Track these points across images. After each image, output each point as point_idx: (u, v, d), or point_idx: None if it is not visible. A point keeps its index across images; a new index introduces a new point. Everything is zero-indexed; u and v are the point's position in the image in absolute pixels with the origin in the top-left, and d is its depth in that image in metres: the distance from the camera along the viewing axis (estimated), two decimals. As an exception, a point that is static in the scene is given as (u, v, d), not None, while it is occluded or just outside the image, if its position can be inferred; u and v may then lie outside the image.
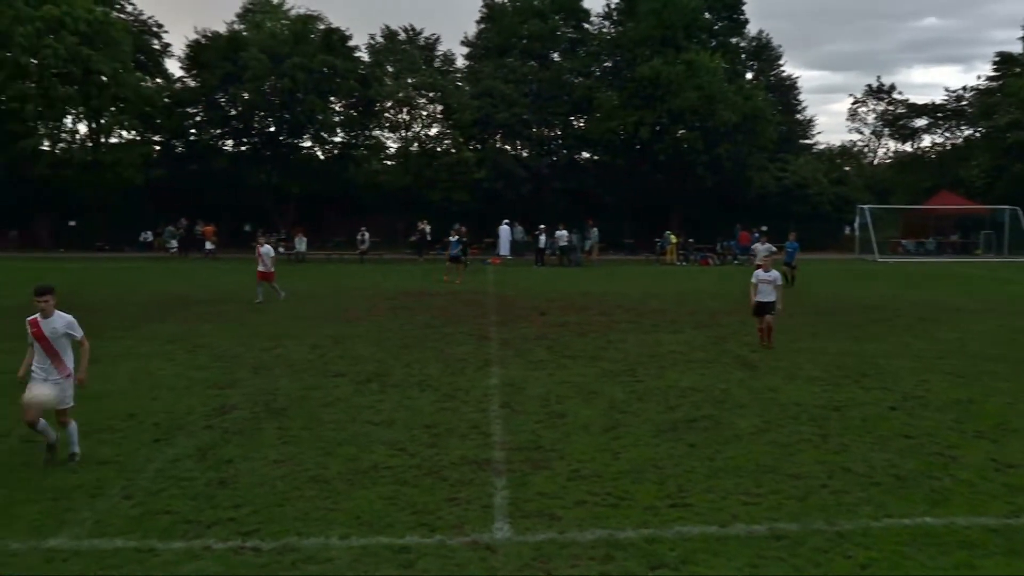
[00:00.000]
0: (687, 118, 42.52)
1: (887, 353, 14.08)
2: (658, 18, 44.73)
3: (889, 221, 48.94)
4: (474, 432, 9.12)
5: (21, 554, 5.96)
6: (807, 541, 6.23)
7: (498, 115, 44.48)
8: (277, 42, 41.95)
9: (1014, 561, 5.91)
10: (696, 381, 11.73)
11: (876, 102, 63.82)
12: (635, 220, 46.62)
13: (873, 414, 9.98)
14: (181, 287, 24.45)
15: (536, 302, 21.27)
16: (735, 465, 8.01)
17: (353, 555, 5.99)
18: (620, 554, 6.01)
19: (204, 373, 12.05)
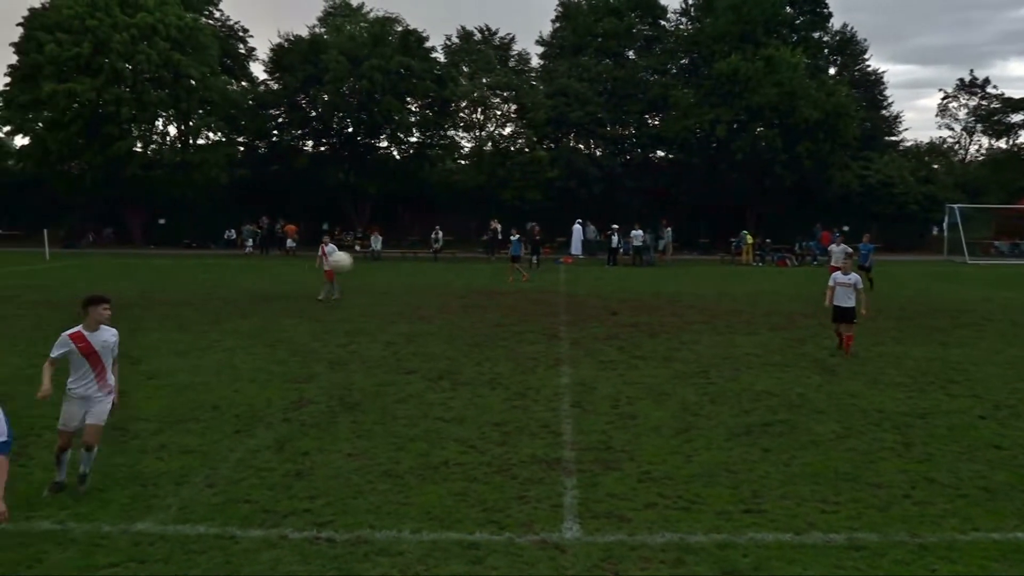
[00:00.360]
0: (766, 115, 41.51)
1: (977, 359, 13.46)
2: (737, 13, 43.81)
3: (980, 221, 46.69)
4: (544, 431, 9.13)
5: (111, 536, 6.26)
6: (888, 553, 6.02)
7: (572, 114, 44.35)
8: (356, 44, 42.84)
9: (1115, 582, 5.58)
10: (772, 384, 11.46)
11: (968, 97, 60.97)
12: (710, 219, 45.79)
13: (961, 423, 9.56)
14: (262, 284, 25.25)
15: (607, 302, 21.13)
16: (812, 472, 7.80)
17: (424, 549, 6.08)
18: (691, 558, 5.93)
19: (283, 367, 12.42)
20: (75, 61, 38.88)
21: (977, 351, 14.23)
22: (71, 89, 38.26)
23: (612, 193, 46.02)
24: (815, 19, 48.74)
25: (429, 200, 47.34)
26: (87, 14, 39.01)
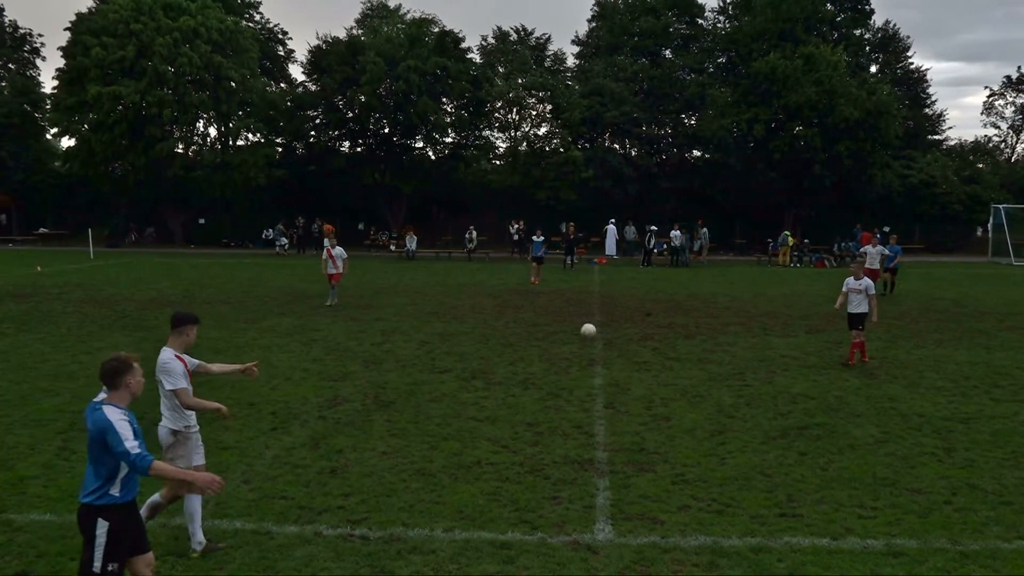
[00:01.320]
0: (805, 114, 40.86)
1: (1022, 363, 13.12)
2: (776, 11, 43.22)
3: (1027, 222, 45.49)
4: (577, 432, 9.11)
5: (151, 530, 6.37)
6: (928, 560, 5.91)
7: (607, 114, 44.14)
8: (393, 46, 43.14)
9: None
10: (808, 387, 11.30)
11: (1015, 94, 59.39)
12: (747, 220, 45.24)
13: (1005, 428, 9.33)
14: (297, 282, 25.56)
15: (642, 303, 21.01)
16: (850, 476, 7.67)
17: (456, 548, 6.11)
18: (724, 562, 5.88)
19: (318, 365, 12.56)
20: (120, 64, 39.74)
21: (1023, 355, 13.86)
22: (116, 92, 39.09)
23: (647, 193, 45.71)
24: (856, 16, 47.89)
25: (464, 200, 47.51)
26: (132, 18, 39.85)
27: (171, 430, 6.10)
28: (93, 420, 4.57)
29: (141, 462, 4.50)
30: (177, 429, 6.09)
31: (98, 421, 4.54)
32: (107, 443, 4.51)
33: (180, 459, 6.10)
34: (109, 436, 4.49)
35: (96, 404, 4.64)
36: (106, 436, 4.50)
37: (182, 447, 6.13)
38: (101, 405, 4.61)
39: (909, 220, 44.66)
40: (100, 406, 4.60)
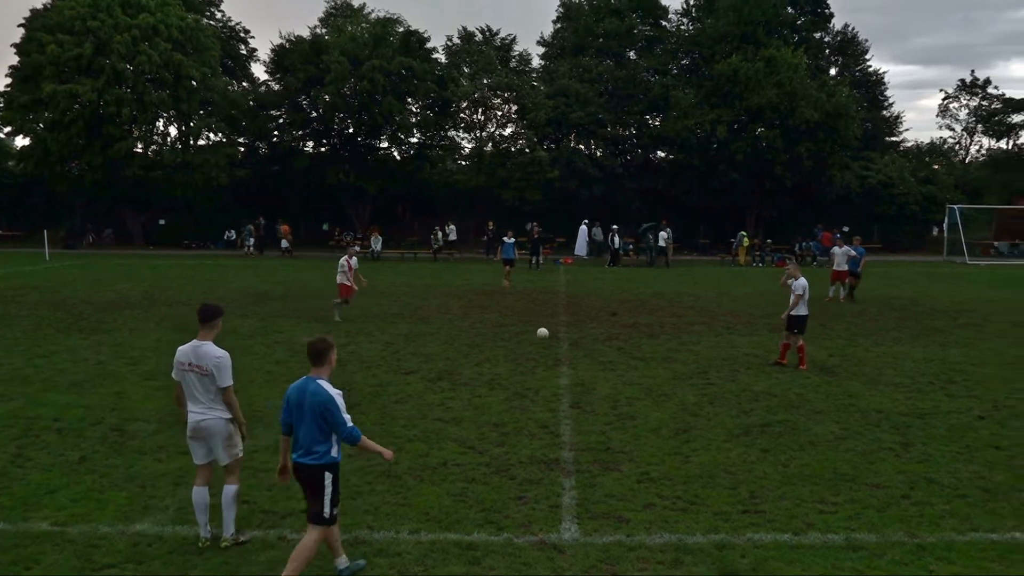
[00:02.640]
0: (766, 116, 41.47)
1: (976, 360, 13.46)
2: (738, 14, 43.77)
3: (980, 222, 46.63)
4: (543, 432, 9.13)
5: (109, 537, 6.26)
6: (886, 553, 6.02)
7: (572, 114, 44.32)
8: (357, 45, 42.80)
9: (1113, 583, 5.58)
10: (771, 385, 11.46)
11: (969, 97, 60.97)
12: (710, 220, 45.76)
13: (960, 423, 9.56)
14: (260, 284, 25.25)
15: (607, 303, 21.13)
16: (811, 472, 7.80)
17: (422, 550, 6.08)
18: (689, 559, 5.93)
19: (282, 367, 12.42)
20: (76, 62, 38.86)
21: (976, 352, 14.22)
22: (72, 90, 38.22)
23: (612, 193, 45.98)
24: (816, 20, 48.71)
25: (429, 201, 47.35)
26: (88, 15, 39.00)
27: (227, 420, 6.16)
28: (312, 393, 5.39)
29: (354, 433, 5.41)
30: (230, 419, 6.17)
31: (319, 394, 5.37)
32: (327, 414, 5.33)
33: (236, 447, 6.25)
34: (330, 408, 5.34)
35: (310, 379, 5.50)
36: (327, 408, 5.34)
37: (236, 436, 6.23)
38: (315, 380, 5.47)
39: (868, 220, 45.54)
40: (315, 380, 5.46)
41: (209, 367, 6.04)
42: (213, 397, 6.09)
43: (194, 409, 6.12)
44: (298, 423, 5.49)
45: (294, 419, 5.51)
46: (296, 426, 5.51)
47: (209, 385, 6.07)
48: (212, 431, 6.11)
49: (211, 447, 6.17)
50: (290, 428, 5.58)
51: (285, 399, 5.63)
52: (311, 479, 5.45)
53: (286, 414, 5.58)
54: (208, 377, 6.05)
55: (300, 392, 5.49)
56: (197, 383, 6.08)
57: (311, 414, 5.38)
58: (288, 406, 5.56)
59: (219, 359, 6.06)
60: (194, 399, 6.12)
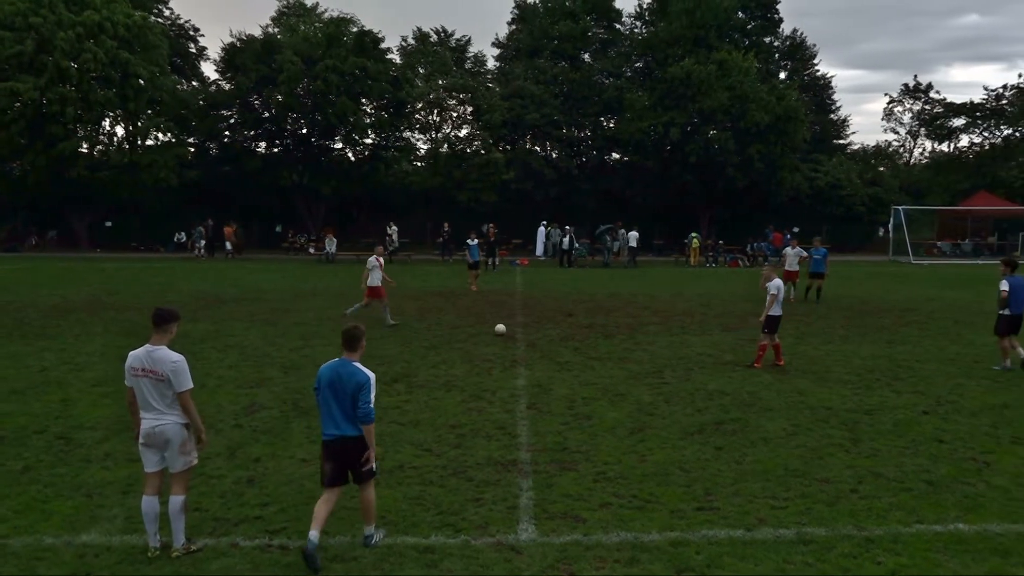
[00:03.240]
0: (718, 119, 42.17)
1: (920, 356, 13.85)
2: (690, 18, 44.41)
3: (924, 223, 48.07)
4: (500, 433, 9.14)
5: (54, 549, 6.08)
6: (836, 546, 6.15)
7: (528, 116, 44.49)
8: (310, 45, 42.35)
9: (1050, 571, 5.78)
10: (724, 384, 11.63)
11: (913, 101, 62.77)
12: (664, 221, 46.34)
13: (905, 418, 9.83)
14: (212, 287, 24.79)
15: (563, 303, 21.24)
16: (763, 469, 7.93)
17: (378, 554, 6.03)
18: (645, 557, 5.99)
19: (234, 372, 12.21)
20: (17, 59, 37.69)
21: (921, 349, 14.63)
22: (13, 88, 37.07)
23: (568, 195, 46.27)
24: (766, 24, 49.70)
25: (384, 202, 47.07)
26: (30, 11, 37.84)
27: (183, 424, 6.01)
28: (350, 374, 5.96)
29: (372, 415, 5.99)
30: (186, 424, 6.03)
31: (356, 375, 5.95)
32: (359, 394, 5.90)
33: (191, 454, 6.09)
34: (364, 388, 5.92)
35: (344, 361, 6.06)
36: (361, 388, 5.91)
37: (191, 442, 6.09)
38: (351, 363, 6.05)
39: (817, 221, 46.58)
40: (351, 363, 6.05)
41: (165, 372, 5.89)
42: (169, 402, 5.94)
43: (147, 415, 5.96)
44: (329, 400, 6.00)
45: (324, 395, 6.04)
46: (327, 403, 6.02)
47: (165, 390, 5.91)
48: (168, 436, 5.96)
49: (165, 454, 6.01)
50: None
51: (317, 379, 6.14)
52: (350, 452, 5.99)
53: (317, 390, 6.13)
54: (164, 382, 5.90)
55: (334, 373, 6.02)
56: (152, 388, 5.92)
57: (344, 393, 5.94)
58: (318, 383, 6.09)
59: (175, 363, 5.92)
60: (148, 405, 5.95)
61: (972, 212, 46.73)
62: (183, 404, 5.96)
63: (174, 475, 6.04)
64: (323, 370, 6.14)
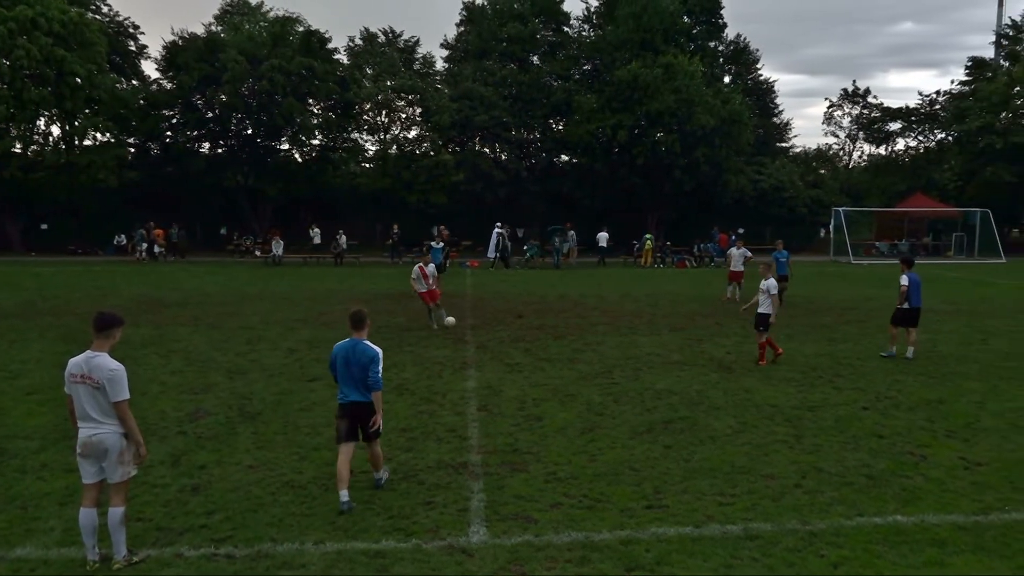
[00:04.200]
0: (665, 121, 42.74)
1: (861, 354, 14.24)
2: (637, 22, 44.93)
3: (863, 223, 49.47)
4: (451, 436, 9.11)
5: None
6: (781, 541, 6.29)
7: (477, 118, 44.46)
8: (255, 44, 41.63)
9: (982, 558, 6.00)
10: (672, 383, 11.79)
11: (851, 106, 64.59)
12: (613, 223, 46.81)
13: (846, 414, 10.09)
14: (155, 291, 24.17)
15: (513, 305, 21.28)
16: (710, 466, 8.06)
17: (328, 561, 5.95)
18: (596, 556, 6.03)
19: (177, 378, 11.93)
20: (-55, 56, 36.30)
21: (861, 346, 15.04)
22: (-60, 85, 35.69)
23: (517, 196, 46.38)
24: (710, 29, 50.53)
25: (332, 203, 46.53)
26: (-42, 6, 36.50)
27: (121, 434, 5.79)
28: (362, 351, 7.00)
29: (380, 384, 7.07)
30: (124, 434, 5.81)
31: (368, 352, 7.00)
32: (369, 366, 6.95)
33: (129, 465, 5.86)
34: (374, 365, 6.97)
35: (357, 340, 7.07)
36: (372, 362, 6.97)
37: (128, 452, 5.85)
38: (362, 341, 7.06)
39: (761, 222, 47.60)
40: (361, 342, 7.06)
41: (101, 380, 5.69)
42: (106, 411, 5.73)
43: (84, 424, 5.75)
44: (345, 372, 7.04)
45: (340, 369, 7.07)
46: (343, 374, 7.06)
47: (102, 399, 5.71)
48: (106, 446, 5.75)
49: (103, 464, 5.81)
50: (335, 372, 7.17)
51: (333, 353, 7.16)
52: (365, 413, 7.07)
53: (333, 364, 7.18)
54: (100, 390, 5.70)
55: (348, 351, 7.05)
56: (89, 396, 5.71)
57: (358, 366, 6.98)
58: (334, 359, 7.14)
59: (113, 371, 5.71)
60: (85, 414, 5.74)
61: (908, 213, 48.27)
62: (119, 415, 5.75)
63: (113, 486, 5.85)
64: (337, 348, 7.16)
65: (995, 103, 47.32)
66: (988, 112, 47.38)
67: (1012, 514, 6.84)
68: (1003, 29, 54.40)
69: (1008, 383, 11.95)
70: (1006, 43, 53.40)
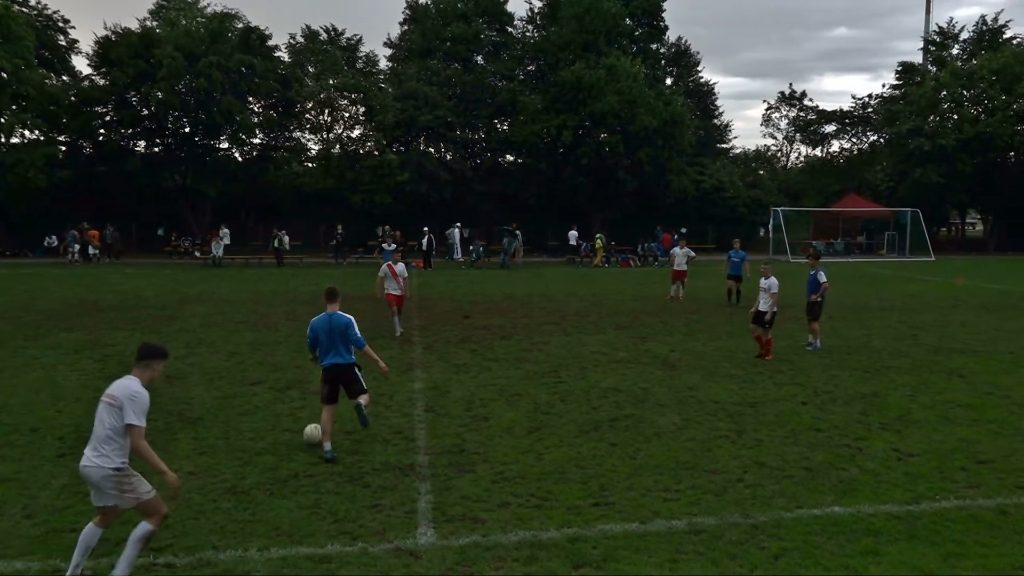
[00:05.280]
0: (608, 122, 43.18)
1: (798, 350, 14.61)
2: (580, 23, 45.29)
3: (800, 223, 50.79)
4: (397, 437, 9.04)
5: None
6: (724, 534, 6.41)
7: (421, 117, 44.22)
8: (193, 40, 40.66)
9: (916, 546, 6.22)
10: (618, 381, 11.92)
11: (788, 108, 66.33)
12: (557, 223, 47.09)
13: (786, 409, 10.34)
14: (89, 294, 23.40)
15: (460, 305, 21.23)
16: (655, 463, 8.17)
17: (272, 567, 5.85)
18: (543, 554, 6.05)
19: (114, 383, 11.56)
20: None
21: (799, 342, 15.42)
22: None
23: (462, 196, 46.30)
24: (652, 31, 51.27)
25: (274, 203, 45.74)
26: None
27: (113, 469, 5.42)
28: (338, 319, 8.30)
29: (363, 341, 8.41)
30: (117, 467, 5.43)
31: (342, 319, 8.31)
32: (348, 331, 8.27)
33: (130, 493, 5.47)
34: (351, 328, 8.29)
35: (332, 312, 8.36)
36: (349, 328, 8.28)
37: (127, 482, 5.49)
38: (336, 312, 8.36)
39: (702, 222, 48.49)
40: (336, 313, 8.36)
41: (122, 399, 5.43)
42: (106, 437, 5.41)
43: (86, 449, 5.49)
44: (327, 341, 8.26)
45: (322, 338, 8.28)
46: (325, 343, 8.27)
47: (114, 420, 5.42)
48: (92, 480, 5.45)
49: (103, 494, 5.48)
50: (314, 345, 8.45)
51: (312, 327, 8.41)
52: (348, 373, 8.32)
53: (312, 337, 8.41)
54: (116, 410, 5.43)
55: (327, 322, 8.30)
56: (102, 417, 5.45)
57: (338, 333, 8.23)
58: (313, 331, 8.36)
59: (136, 393, 5.50)
60: (90, 437, 5.47)
61: (843, 213, 49.74)
62: (132, 442, 5.44)
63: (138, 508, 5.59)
64: (315, 322, 8.39)
65: (923, 107, 49.12)
66: (917, 115, 49.16)
67: (942, 503, 7.11)
68: (931, 35, 56.54)
69: (937, 376, 12.41)
70: (933, 49, 55.50)
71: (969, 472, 7.95)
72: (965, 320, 18.87)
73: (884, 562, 5.96)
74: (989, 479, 7.74)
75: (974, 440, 9.01)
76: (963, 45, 55.12)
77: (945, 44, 55.19)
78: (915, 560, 5.99)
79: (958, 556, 6.06)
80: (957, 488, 7.49)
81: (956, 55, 54.35)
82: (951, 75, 48.63)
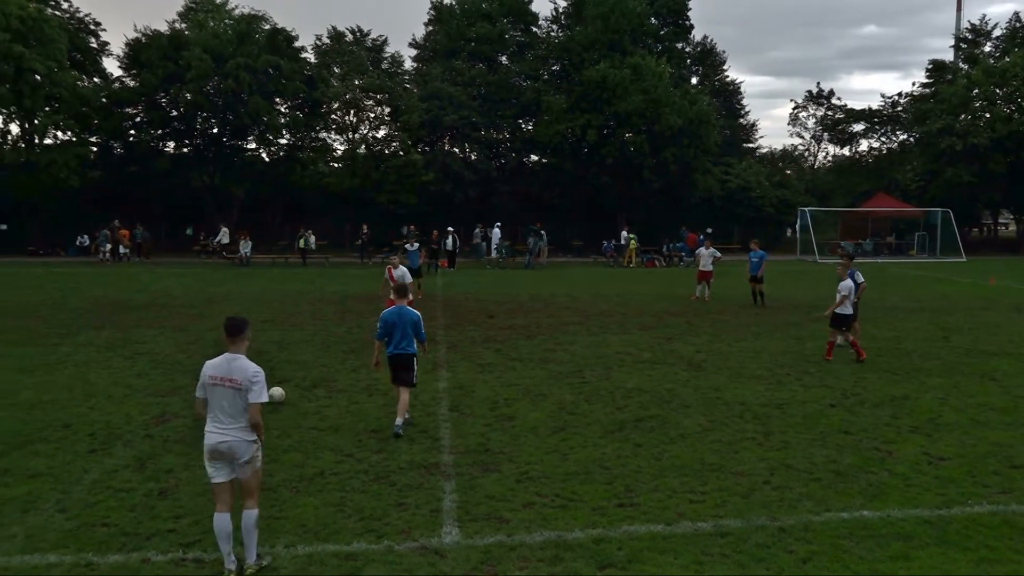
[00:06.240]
0: (633, 122, 42.97)
1: (811, 351, 14.43)
2: (605, 23, 45.14)
3: (828, 223, 50.19)
4: (422, 436, 9.08)
5: None
6: (751, 537, 6.35)
7: (446, 117, 44.31)
8: (221, 42, 41.08)
9: (947, 551, 6.12)
10: (643, 382, 11.86)
11: (816, 107, 65.57)
12: (582, 223, 46.94)
13: (813, 411, 10.23)
14: (120, 292, 23.75)
15: (485, 305, 21.26)
16: (681, 464, 8.12)
17: (299, 564, 5.90)
18: (568, 555, 6.04)
19: (143, 380, 11.74)
20: (-102, 51, 35.28)
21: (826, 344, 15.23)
22: None
23: (487, 196, 46.34)
24: (677, 30, 50.94)
25: (300, 203, 46.09)
26: (-89, 0, 35.51)
27: (251, 441, 5.83)
28: (408, 313, 9.14)
29: (424, 337, 9.39)
30: (254, 439, 5.86)
31: (412, 314, 9.17)
32: (417, 326, 9.14)
33: (258, 463, 5.93)
34: (419, 322, 9.17)
35: (403, 307, 9.19)
36: (418, 322, 9.16)
37: (259, 455, 5.95)
38: (406, 307, 9.23)
39: (728, 222, 48.08)
40: (407, 307, 9.22)
41: (245, 381, 5.76)
42: (237, 414, 5.75)
43: (214, 428, 5.78)
44: (395, 332, 9.10)
45: (391, 330, 9.11)
46: (393, 334, 9.11)
47: (239, 401, 5.74)
48: (235, 453, 5.75)
49: (234, 466, 5.79)
50: (384, 336, 9.20)
51: (383, 319, 9.15)
52: (407, 362, 9.19)
53: (383, 328, 9.17)
54: (240, 392, 5.74)
55: (398, 315, 9.10)
56: (226, 399, 5.75)
57: (408, 325, 9.12)
58: (386, 323, 9.13)
59: (256, 374, 5.82)
60: (216, 416, 5.77)
61: (872, 213, 49.07)
62: (253, 417, 5.76)
63: (246, 488, 5.91)
64: (387, 314, 9.18)
65: (955, 105, 48.31)
66: (948, 114, 48.35)
67: (974, 508, 7.00)
68: (962, 33, 55.60)
69: (969, 379, 12.21)
70: (965, 46, 54.59)
71: (1002, 476, 7.81)
72: (998, 322, 18.55)
73: (914, 567, 5.88)
74: (1023, 484, 7.61)
75: (1007, 444, 8.86)
76: (996, 42, 54.13)
77: (977, 41, 54.25)
78: (946, 565, 5.90)
79: (990, 562, 5.96)
80: (990, 493, 7.36)
81: (988, 52, 53.41)
82: (983, 73, 47.76)
